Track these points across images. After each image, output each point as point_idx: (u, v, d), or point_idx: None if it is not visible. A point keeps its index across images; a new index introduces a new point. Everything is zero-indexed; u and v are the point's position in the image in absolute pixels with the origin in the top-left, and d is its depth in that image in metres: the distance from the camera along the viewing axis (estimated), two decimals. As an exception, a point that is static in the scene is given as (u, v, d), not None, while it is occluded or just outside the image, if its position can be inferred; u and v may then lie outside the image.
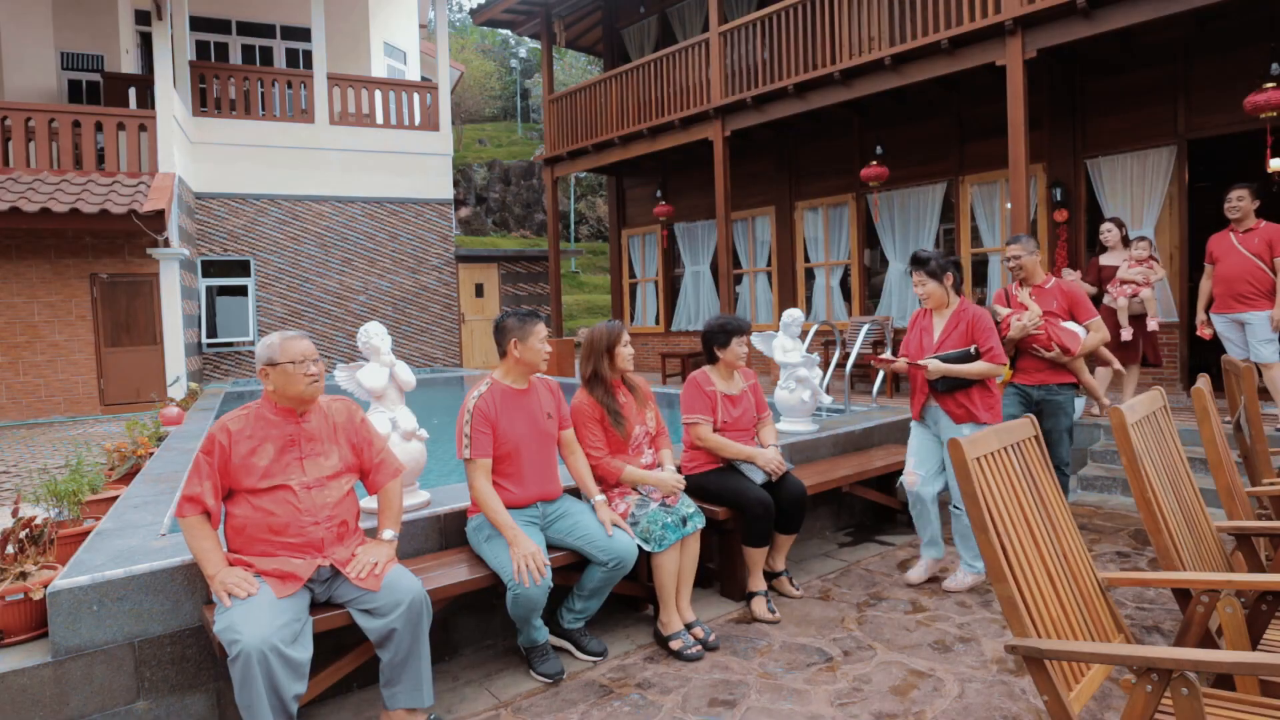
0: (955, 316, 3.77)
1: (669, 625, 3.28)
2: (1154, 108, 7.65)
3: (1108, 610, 2.02)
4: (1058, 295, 4.39)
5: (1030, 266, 4.44)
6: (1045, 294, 4.42)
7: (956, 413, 3.70)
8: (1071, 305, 4.39)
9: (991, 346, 3.66)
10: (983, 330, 3.68)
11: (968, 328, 3.71)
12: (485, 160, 25.88)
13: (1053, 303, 4.36)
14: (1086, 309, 4.34)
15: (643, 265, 13.28)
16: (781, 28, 8.62)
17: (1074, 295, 4.36)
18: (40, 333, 10.48)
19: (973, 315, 3.72)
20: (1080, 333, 4.32)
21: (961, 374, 3.64)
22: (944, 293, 3.77)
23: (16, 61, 13.36)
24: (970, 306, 3.76)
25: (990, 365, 3.65)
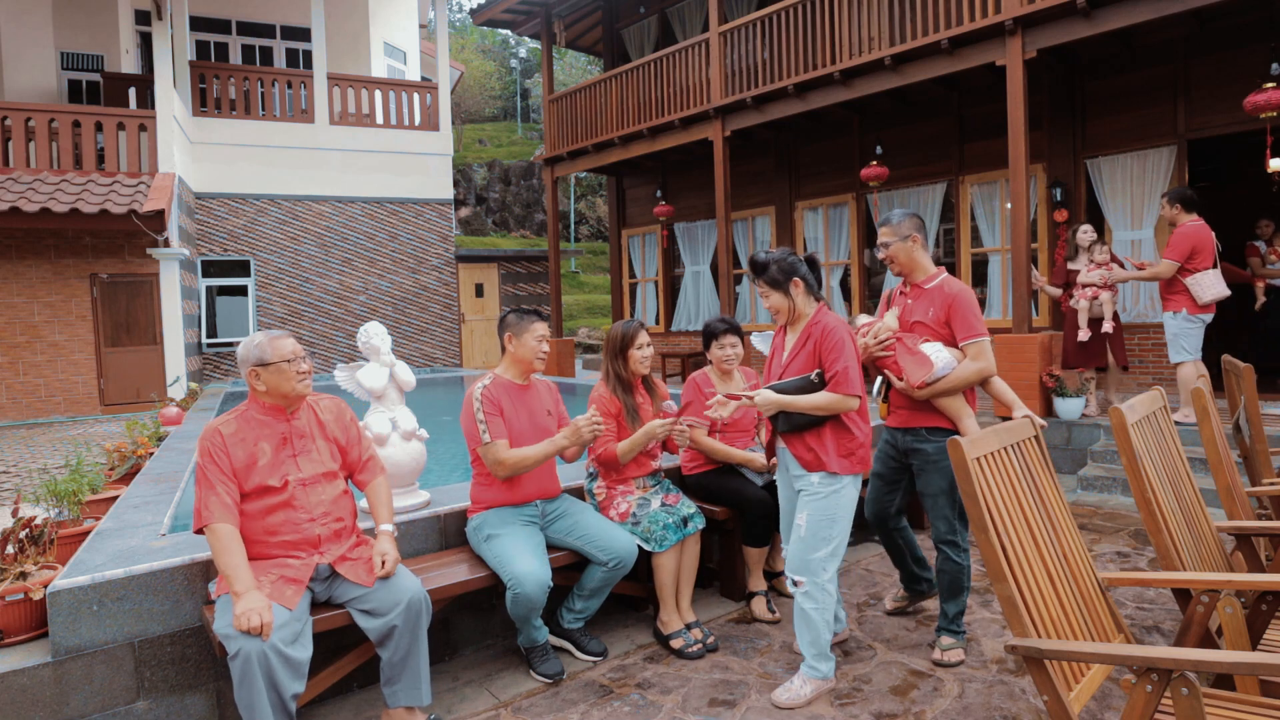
0: (805, 332, 2.88)
1: (669, 624, 3.28)
2: (1154, 108, 7.65)
3: (1108, 610, 2.02)
4: (936, 300, 3.06)
5: (906, 257, 3.12)
6: (923, 297, 3.11)
7: (805, 458, 2.83)
8: (950, 316, 3.03)
9: (836, 371, 2.75)
10: (830, 348, 2.79)
11: (815, 346, 2.84)
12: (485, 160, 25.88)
13: (928, 310, 3.06)
14: (965, 324, 3.01)
15: (643, 265, 13.28)
16: (781, 28, 8.62)
17: (956, 303, 3.03)
18: (40, 333, 10.49)
19: (821, 330, 2.83)
20: (943, 358, 2.98)
21: (799, 408, 2.77)
22: (792, 303, 2.90)
23: (16, 61, 13.36)
24: (823, 318, 2.86)
25: (833, 397, 2.74)
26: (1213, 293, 5.47)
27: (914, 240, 3.09)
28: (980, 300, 9.20)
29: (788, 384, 2.83)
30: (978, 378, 2.99)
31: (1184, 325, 5.57)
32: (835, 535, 2.78)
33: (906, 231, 3.09)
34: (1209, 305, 5.54)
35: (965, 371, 2.98)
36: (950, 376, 2.97)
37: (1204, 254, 5.52)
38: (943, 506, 3.05)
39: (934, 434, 3.05)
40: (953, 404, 3.02)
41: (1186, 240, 5.53)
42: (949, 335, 3.03)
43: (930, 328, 3.06)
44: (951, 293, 3.03)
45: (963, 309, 3.01)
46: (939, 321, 3.04)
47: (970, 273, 9.16)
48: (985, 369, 2.98)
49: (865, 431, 2.87)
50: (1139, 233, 7.78)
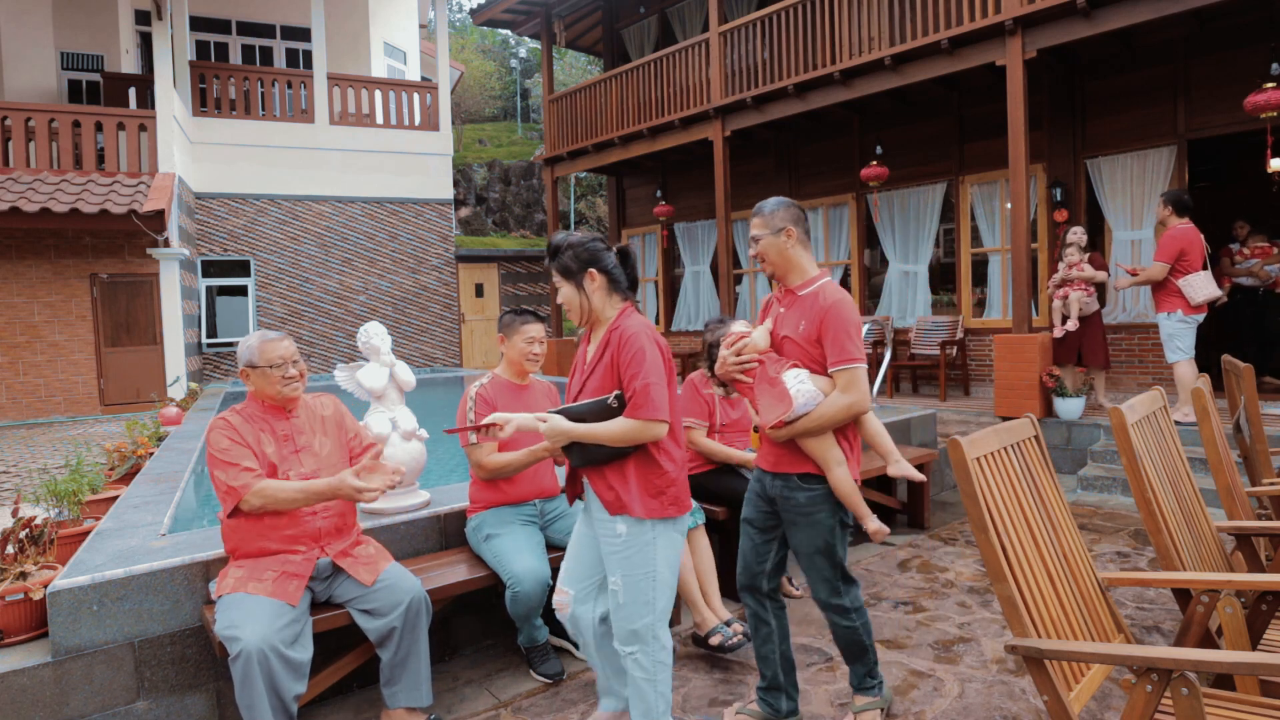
0: (603, 340, 2.31)
1: (704, 625, 3.19)
2: (1154, 108, 7.65)
3: (1108, 610, 2.02)
4: (809, 311, 2.42)
5: (778, 254, 2.49)
6: (796, 305, 2.47)
7: (605, 497, 2.26)
8: (822, 333, 2.38)
9: (635, 391, 2.18)
10: (628, 361, 2.21)
11: (613, 359, 2.26)
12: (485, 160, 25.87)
13: (799, 323, 2.43)
14: (838, 345, 2.36)
15: (643, 265, 13.28)
16: (781, 28, 8.62)
17: (830, 316, 2.37)
18: (40, 333, 10.48)
19: (619, 338, 2.25)
20: (805, 392, 2.35)
21: (594, 438, 2.19)
22: (585, 300, 2.31)
23: (16, 61, 13.36)
24: (624, 323, 2.28)
25: (632, 424, 2.17)
26: (1205, 293, 5.58)
27: (788, 234, 2.45)
28: (980, 300, 9.21)
29: (581, 408, 2.23)
30: (846, 415, 2.36)
31: (1178, 326, 5.68)
32: (659, 595, 2.26)
33: (780, 224, 2.46)
34: (1202, 306, 5.62)
35: (830, 408, 2.34)
36: (812, 415, 2.34)
37: (1193, 256, 5.65)
38: (821, 567, 2.48)
39: (808, 482, 2.44)
40: (818, 447, 2.39)
41: (1175, 243, 5.65)
42: (820, 356, 2.40)
43: (800, 346, 2.42)
44: (826, 303, 2.37)
45: (837, 325, 2.35)
46: (809, 338, 2.40)
47: (970, 273, 9.16)
48: (856, 404, 2.35)
49: (678, 463, 2.31)
50: (1139, 233, 7.78)
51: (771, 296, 2.62)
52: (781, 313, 2.51)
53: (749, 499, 2.66)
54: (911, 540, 4.74)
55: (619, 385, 2.24)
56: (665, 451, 2.27)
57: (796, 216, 2.48)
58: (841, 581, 2.52)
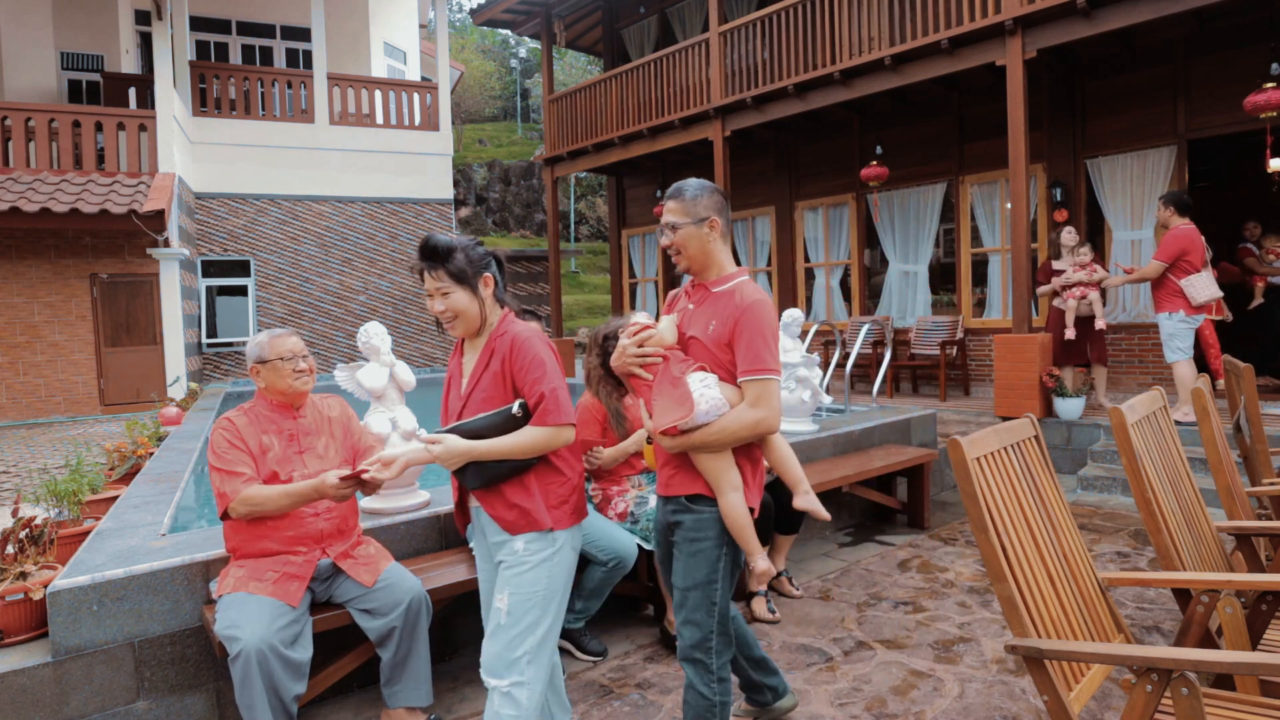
0: (487, 348, 2.13)
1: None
2: (1154, 108, 7.66)
3: (1108, 610, 2.02)
4: (722, 310, 2.10)
5: (699, 248, 2.15)
6: (708, 303, 2.15)
7: (508, 518, 2.07)
8: (734, 336, 2.05)
9: (543, 395, 2.04)
10: (526, 366, 2.06)
11: (505, 366, 2.08)
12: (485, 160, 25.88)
13: (709, 323, 2.11)
14: (751, 352, 2.03)
15: (643, 265, 13.28)
16: (781, 28, 8.62)
17: (745, 319, 2.04)
18: (40, 333, 10.48)
19: (511, 344, 2.08)
20: (710, 399, 2.01)
21: (500, 453, 2.01)
22: (481, 307, 2.12)
23: (16, 61, 13.36)
24: (511, 329, 2.11)
25: (542, 432, 2.03)
26: (1206, 294, 5.59)
27: (712, 226, 2.13)
28: (980, 300, 9.21)
29: (479, 423, 2.02)
30: (751, 433, 2.02)
31: (1178, 326, 5.69)
32: (548, 618, 2.04)
33: (704, 212, 2.12)
34: (1202, 306, 5.62)
35: (735, 422, 2.00)
36: (712, 427, 2.00)
37: (1194, 256, 5.66)
38: (695, 605, 2.08)
39: (697, 504, 2.09)
40: (714, 465, 2.05)
41: (1175, 243, 5.67)
42: (729, 363, 2.07)
43: (708, 349, 2.09)
44: (743, 304, 2.05)
45: (753, 329, 2.03)
46: (719, 341, 2.07)
47: (970, 273, 9.16)
48: (764, 421, 2.01)
49: (577, 470, 2.18)
50: (1139, 233, 7.79)
51: (680, 291, 2.31)
52: (690, 309, 2.19)
53: (655, 540, 2.33)
54: (911, 540, 4.74)
55: (514, 394, 2.08)
56: (563, 458, 2.12)
57: (721, 205, 2.18)
58: (716, 635, 2.07)
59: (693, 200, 2.14)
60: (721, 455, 2.06)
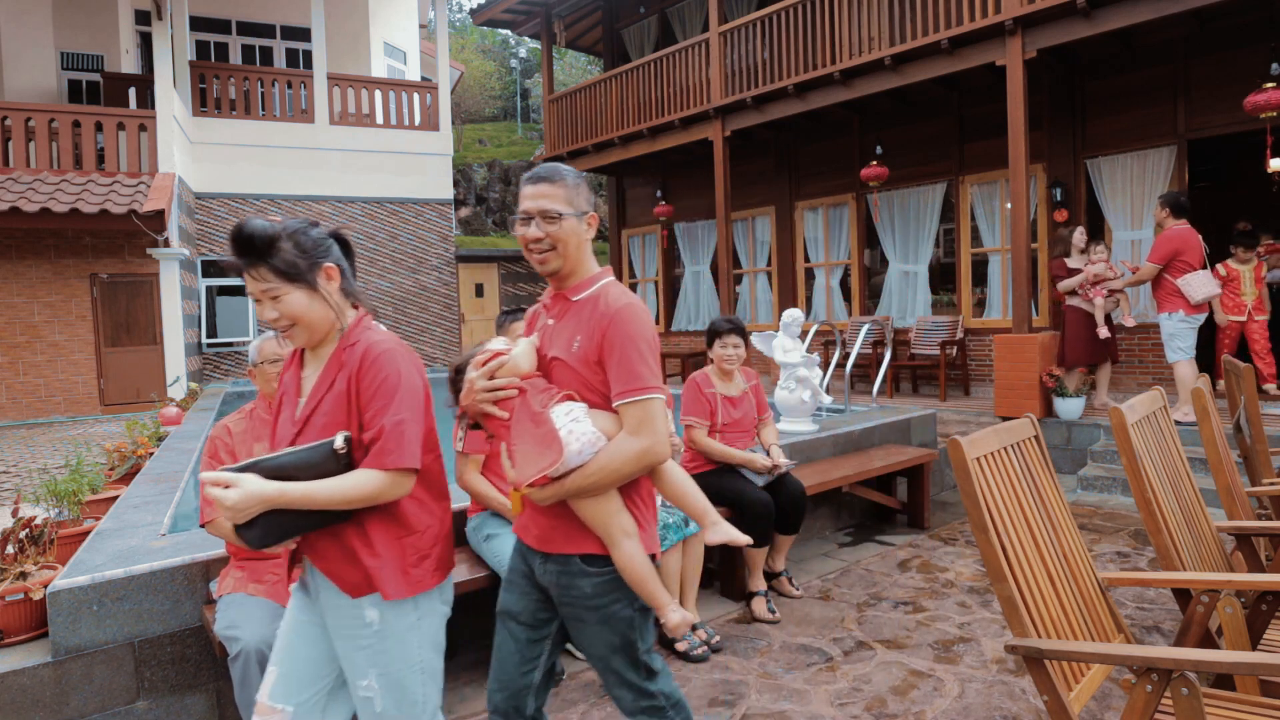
0: (334, 360, 1.71)
1: None
2: (1154, 108, 7.66)
3: (1108, 610, 2.02)
4: (586, 322, 1.74)
5: (577, 245, 1.78)
6: (570, 315, 1.79)
7: (346, 576, 1.67)
8: (604, 352, 1.70)
9: (382, 430, 1.62)
10: (373, 387, 1.65)
11: (351, 384, 1.67)
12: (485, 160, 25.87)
13: (573, 339, 1.75)
14: (627, 369, 1.68)
15: (643, 265, 13.28)
16: (781, 28, 8.62)
17: (614, 328, 1.69)
18: (40, 333, 10.48)
19: (362, 357, 1.67)
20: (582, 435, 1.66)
21: (310, 503, 1.57)
22: (327, 305, 1.71)
23: (16, 61, 13.36)
24: (365, 337, 1.71)
25: (373, 479, 1.60)
26: (1203, 292, 5.59)
27: (591, 223, 1.79)
28: (979, 300, 9.21)
29: (285, 459, 1.59)
30: (638, 466, 1.67)
31: (1179, 326, 5.69)
32: (430, 688, 1.73)
33: (585, 205, 1.78)
34: (1202, 305, 5.63)
35: (616, 457, 1.64)
36: (589, 469, 1.63)
37: (1189, 256, 5.66)
38: (620, 670, 1.78)
39: (594, 564, 1.73)
40: (599, 512, 1.69)
41: (1169, 243, 5.69)
42: (600, 384, 1.70)
43: (573, 370, 1.72)
44: (610, 310, 1.69)
45: (625, 340, 1.67)
46: (586, 358, 1.70)
47: (970, 273, 9.16)
48: (651, 450, 1.65)
49: (439, 514, 1.77)
50: (1139, 233, 7.79)
51: (538, 306, 1.93)
52: (550, 325, 1.80)
53: (510, 581, 1.89)
54: (911, 540, 4.74)
55: (360, 422, 1.65)
56: (420, 502, 1.72)
57: (592, 195, 1.85)
58: (647, 679, 1.80)
59: (575, 187, 1.77)
60: (607, 499, 1.69)
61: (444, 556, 1.77)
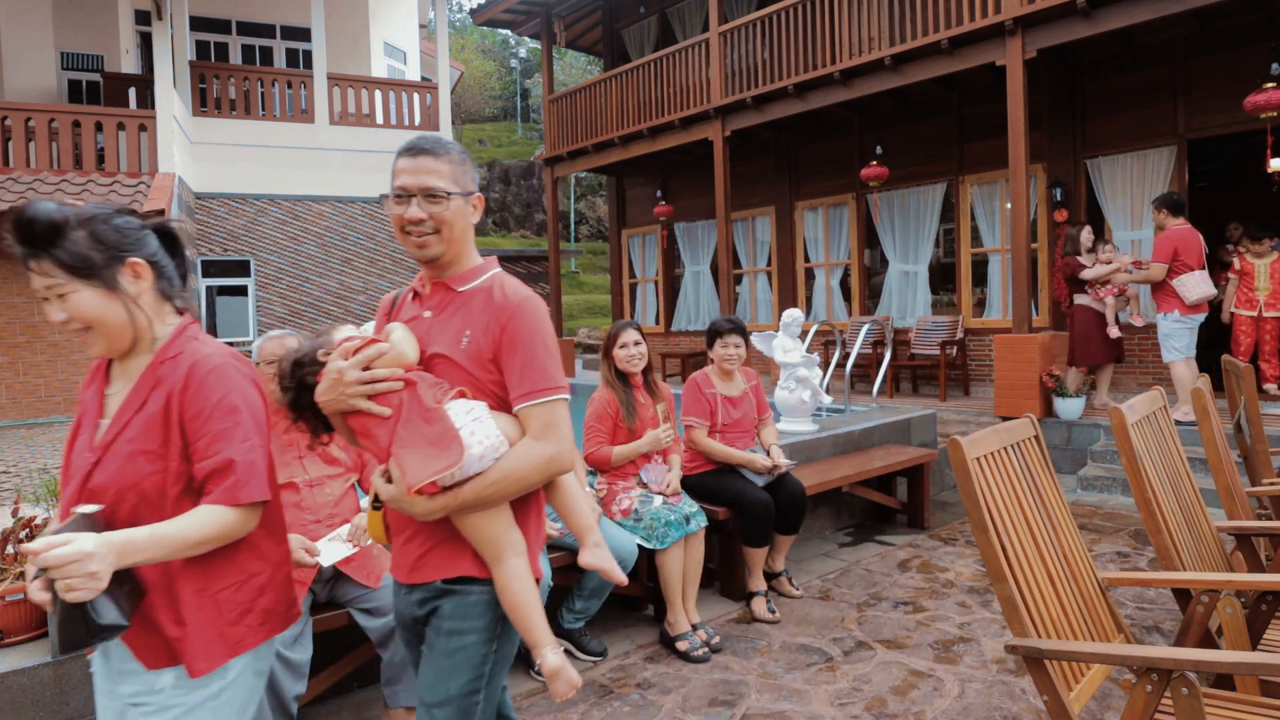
0: (148, 377, 1.45)
1: (676, 626, 3.27)
2: (1154, 108, 7.66)
3: (1108, 610, 2.02)
4: (479, 316, 1.56)
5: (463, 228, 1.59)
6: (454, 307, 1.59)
7: (148, 646, 1.39)
8: (500, 350, 1.53)
9: (230, 461, 1.40)
10: (203, 410, 1.41)
11: (169, 405, 1.42)
12: (485, 160, 25.88)
13: (461, 334, 1.56)
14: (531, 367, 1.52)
15: (643, 265, 13.28)
16: (781, 28, 8.62)
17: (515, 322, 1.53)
18: (40, 333, 10.48)
19: (187, 373, 1.43)
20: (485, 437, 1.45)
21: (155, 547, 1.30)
22: (126, 312, 1.44)
23: (16, 61, 13.36)
24: (188, 345, 1.48)
25: (219, 516, 1.37)
26: (1198, 293, 5.59)
27: (478, 204, 1.61)
28: (980, 300, 9.21)
29: None
30: (543, 475, 1.50)
31: (1174, 326, 5.70)
32: None
33: (471, 186, 1.59)
34: (1198, 305, 5.62)
35: (521, 464, 1.46)
36: (490, 476, 1.43)
37: (1188, 255, 5.66)
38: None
39: (460, 585, 1.50)
40: (489, 527, 1.48)
41: (1169, 243, 5.71)
42: (494, 386, 1.52)
43: (463, 369, 1.52)
44: (509, 303, 1.52)
45: (528, 336, 1.50)
46: (477, 356, 1.51)
47: (970, 273, 9.16)
48: (557, 458, 1.49)
49: (274, 555, 1.53)
50: (1139, 233, 7.79)
51: (402, 294, 1.70)
52: (428, 317, 1.57)
53: (399, 625, 1.69)
54: (911, 540, 4.74)
55: (179, 452, 1.38)
56: (252, 545, 1.46)
57: (477, 173, 1.66)
58: None
59: (462, 163, 1.57)
60: (499, 512, 1.48)
61: (275, 607, 1.47)
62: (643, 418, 3.48)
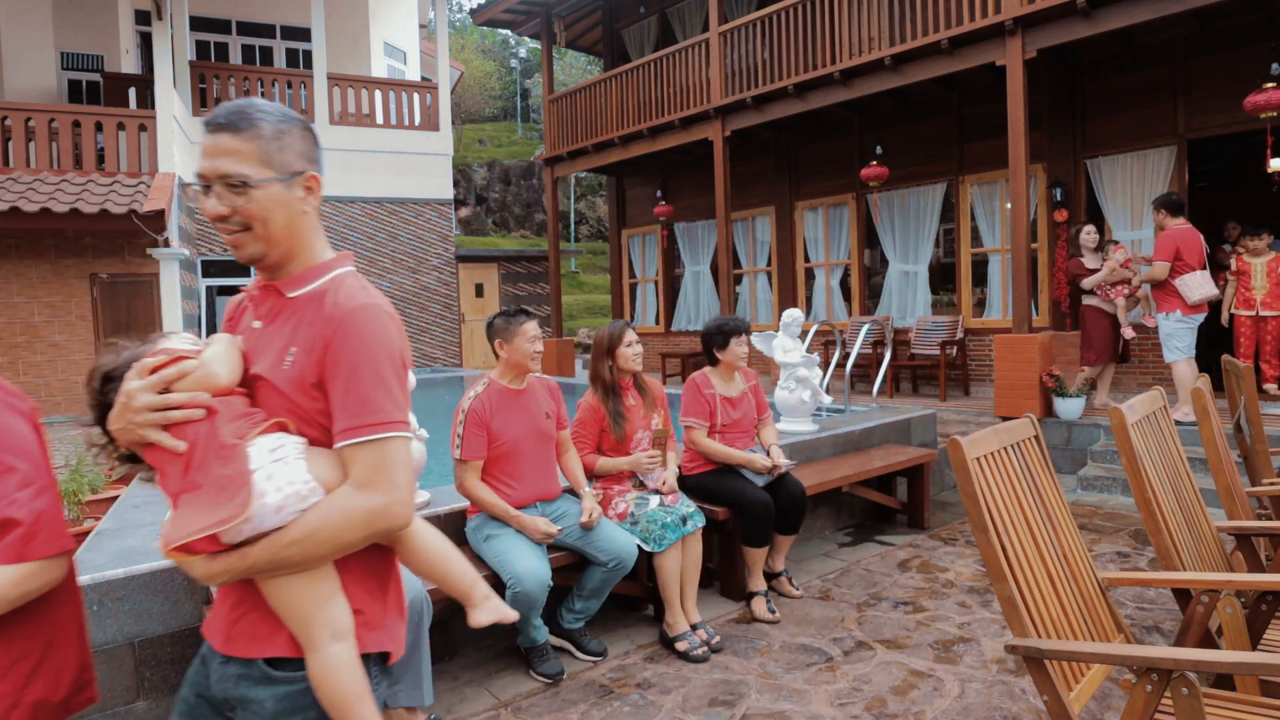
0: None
1: (675, 626, 3.27)
2: (1154, 108, 7.66)
3: (1108, 610, 2.02)
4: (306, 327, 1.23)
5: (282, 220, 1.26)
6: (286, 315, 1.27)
7: None
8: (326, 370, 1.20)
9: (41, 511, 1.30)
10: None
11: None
12: (485, 160, 25.87)
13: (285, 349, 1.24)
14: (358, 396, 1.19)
15: (643, 265, 13.28)
16: (781, 28, 8.62)
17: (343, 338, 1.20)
18: (40, 333, 10.48)
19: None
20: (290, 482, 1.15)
21: None
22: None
23: (16, 61, 13.36)
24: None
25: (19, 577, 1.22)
26: (1200, 293, 5.59)
27: (311, 185, 1.28)
28: (980, 300, 9.21)
29: None
30: (364, 534, 1.19)
31: (1175, 326, 5.70)
32: None
33: (297, 163, 1.26)
34: (1200, 305, 5.63)
35: (333, 519, 1.16)
36: (291, 533, 1.14)
37: (1189, 255, 5.66)
38: None
39: (284, 669, 1.20)
40: (297, 598, 1.18)
41: (1170, 243, 5.71)
42: (320, 415, 1.22)
43: (283, 394, 1.22)
44: (338, 312, 1.22)
45: (358, 355, 1.19)
46: (300, 380, 1.22)
47: (970, 273, 9.16)
48: (385, 512, 1.19)
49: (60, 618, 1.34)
50: (1139, 233, 7.79)
51: (244, 296, 1.37)
52: (257, 329, 1.28)
53: (181, 699, 1.31)
54: (911, 540, 4.74)
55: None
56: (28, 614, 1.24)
57: (312, 148, 1.29)
58: None
59: (277, 138, 1.20)
60: (312, 579, 1.17)
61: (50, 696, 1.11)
62: (632, 423, 3.49)
